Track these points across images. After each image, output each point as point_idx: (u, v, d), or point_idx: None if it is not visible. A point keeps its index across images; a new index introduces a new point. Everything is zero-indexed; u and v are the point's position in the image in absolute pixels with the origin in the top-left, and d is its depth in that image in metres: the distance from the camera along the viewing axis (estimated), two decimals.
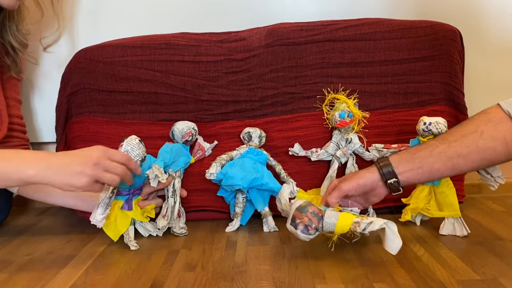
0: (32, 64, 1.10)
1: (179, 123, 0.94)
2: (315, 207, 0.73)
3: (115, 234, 0.83)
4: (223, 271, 0.72)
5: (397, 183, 0.77)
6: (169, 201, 0.89)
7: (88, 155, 0.72)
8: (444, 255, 0.75)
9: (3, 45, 0.94)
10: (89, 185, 0.70)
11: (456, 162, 0.75)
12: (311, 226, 0.71)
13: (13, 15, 0.93)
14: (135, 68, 0.99)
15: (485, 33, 1.13)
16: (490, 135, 0.73)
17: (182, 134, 0.92)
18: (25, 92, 1.13)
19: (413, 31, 0.99)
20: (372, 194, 0.80)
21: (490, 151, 0.73)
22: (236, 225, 0.92)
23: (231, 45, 1.00)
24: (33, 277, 0.72)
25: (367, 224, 0.70)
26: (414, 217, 0.90)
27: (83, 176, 0.70)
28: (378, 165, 0.78)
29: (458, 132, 0.76)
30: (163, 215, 0.89)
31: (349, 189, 0.78)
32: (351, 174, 0.82)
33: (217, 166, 0.91)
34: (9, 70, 0.96)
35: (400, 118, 0.99)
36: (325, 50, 0.99)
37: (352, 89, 0.98)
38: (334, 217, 0.71)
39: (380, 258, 0.74)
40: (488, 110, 0.76)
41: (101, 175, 0.71)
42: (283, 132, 0.99)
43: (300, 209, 0.72)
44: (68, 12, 1.11)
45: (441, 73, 0.99)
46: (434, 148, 0.76)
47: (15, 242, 0.90)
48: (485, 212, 0.98)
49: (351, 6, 1.12)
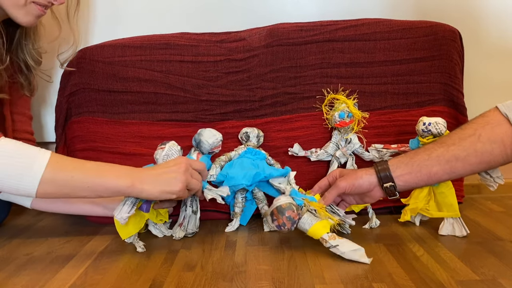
0: None
1: (206, 134, 0.92)
2: (293, 211, 0.76)
3: (126, 233, 0.82)
4: (223, 271, 0.72)
5: (393, 188, 0.78)
6: (187, 210, 0.88)
7: (178, 163, 0.77)
8: (444, 255, 0.75)
9: (18, 63, 0.93)
10: (183, 189, 0.76)
11: (454, 165, 0.75)
12: (284, 227, 0.77)
13: (29, 33, 0.92)
14: (134, 68, 0.99)
15: (485, 34, 1.13)
16: (487, 137, 0.73)
17: (212, 148, 0.92)
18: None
19: (412, 32, 0.99)
20: (367, 195, 0.82)
21: (488, 154, 0.74)
22: (236, 225, 0.92)
23: (231, 45, 1.00)
24: (32, 277, 0.72)
25: (332, 246, 0.74)
26: (414, 217, 0.90)
27: (179, 181, 0.75)
28: (376, 168, 0.79)
29: (456, 136, 0.76)
30: (179, 223, 0.88)
31: (346, 187, 0.80)
32: (350, 172, 0.83)
33: (216, 167, 0.91)
34: (22, 88, 0.96)
35: (399, 118, 0.99)
36: (325, 50, 0.99)
37: (351, 89, 0.98)
38: (308, 224, 0.76)
39: (379, 258, 0.74)
40: (486, 113, 0.77)
41: (190, 180, 0.77)
42: (283, 132, 0.99)
43: (279, 210, 0.76)
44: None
45: (440, 74, 0.99)
46: (432, 152, 0.76)
47: (14, 242, 0.89)
48: (485, 213, 0.98)
49: (350, 6, 1.12)
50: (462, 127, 0.78)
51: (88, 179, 0.73)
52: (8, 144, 0.71)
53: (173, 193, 0.75)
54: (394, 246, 0.79)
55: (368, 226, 0.89)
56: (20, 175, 0.69)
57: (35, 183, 0.69)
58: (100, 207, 0.89)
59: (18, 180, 0.69)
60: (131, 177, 0.74)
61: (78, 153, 1.00)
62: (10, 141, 0.72)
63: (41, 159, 0.70)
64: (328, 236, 0.75)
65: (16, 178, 0.69)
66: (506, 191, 1.09)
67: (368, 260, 0.72)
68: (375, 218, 0.90)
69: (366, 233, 0.87)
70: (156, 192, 0.75)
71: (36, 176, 0.69)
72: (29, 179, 0.69)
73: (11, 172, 0.69)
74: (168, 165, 0.78)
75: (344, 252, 0.73)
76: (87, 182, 0.73)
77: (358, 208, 0.91)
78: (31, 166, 0.69)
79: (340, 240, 0.74)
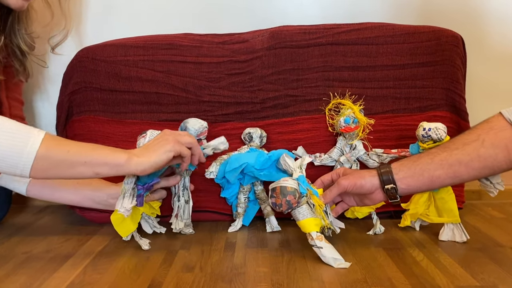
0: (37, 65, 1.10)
1: (192, 121, 0.91)
2: (294, 197, 0.75)
3: (125, 230, 0.82)
4: (222, 272, 0.72)
5: (394, 190, 0.77)
6: (180, 200, 0.88)
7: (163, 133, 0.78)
8: (443, 260, 0.75)
9: (12, 48, 0.94)
10: (176, 143, 0.76)
11: (457, 169, 0.75)
12: (279, 208, 0.76)
13: (22, 17, 0.93)
14: (137, 68, 0.99)
15: (487, 40, 1.13)
16: (491, 143, 0.73)
17: (198, 134, 0.90)
18: (26, 91, 1.14)
19: (415, 36, 0.99)
20: (367, 196, 0.81)
21: (491, 159, 0.73)
22: (238, 226, 0.92)
23: (234, 46, 1.00)
24: (31, 275, 0.72)
25: (316, 246, 0.75)
26: (414, 222, 0.90)
27: (169, 141, 0.76)
28: (379, 170, 0.79)
29: (459, 141, 0.76)
30: (175, 214, 0.88)
31: (347, 186, 0.79)
32: (354, 172, 0.82)
33: (217, 165, 0.91)
34: (17, 74, 0.96)
35: (401, 122, 0.99)
36: (327, 53, 0.99)
37: (353, 93, 0.98)
38: (302, 216, 0.76)
39: (379, 263, 0.74)
40: (490, 119, 0.76)
41: (180, 146, 0.77)
42: (284, 134, 0.99)
43: (282, 191, 0.75)
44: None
45: (443, 79, 0.99)
46: (435, 156, 0.76)
47: (13, 240, 0.89)
48: (485, 219, 0.98)
49: (353, 10, 1.12)
50: (465, 132, 0.77)
51: (85, 154, 0.72)
52: (7, 121, 0.70)
53: (169, 150, 0.75)
54: (394, 251, 0.79)
55: (372, 232, 0.88)
56: (19, 152, 0.68)
57: (31, 158, 0.68)
58: (85, 198, 0.90)
59: (17, 157, 0.68)
60: (126, 152, 0.74)
61: None
62: (8, 119, 0.71)
63: (36, 135, 0.69)
64: (316, 235, 0.75)
65: (16, 155, 0.68)
66: (507, 197, 1.09)
67: (346, 265, 0.73)
68: (379, 224, 0.89)
69: (365, 237, 0.87)
70: (153, 158, 0.74)
71: (31, 151, 0.68)
72: (25, 154, 0.68)
73: (13, 148, 0.68)
74: (155, 138, 0.78)
75: (325, 257, 0.74)
76: (84, 156, 0.71)
77: (362, 214, 0.91)
78: (26, 142, 0.68)
79: (326, 244, 0.75)
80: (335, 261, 0.73)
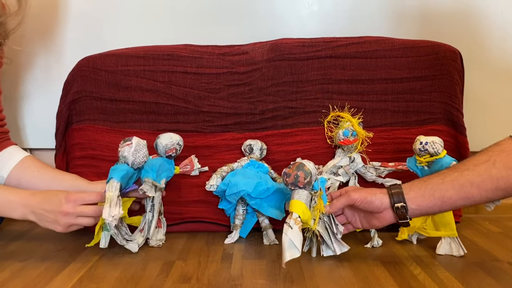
0: (37, 70, 1.09)
1: (163, 137, 0.90)
2: (305, 178, 0.75)
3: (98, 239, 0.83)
4: (219, 284, 0.72)
5: (404, 209, 0.75)
6: (147, 216, 0.88)
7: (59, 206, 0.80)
8: (441, 274, 0.75)
9: None
10: (64, 230, 0.81)
11: (469, 190, 0.72)
12: (287, 178, 0.76)
13: None
14: (137, 78, 1.00)
15: (485, 54, 1.14)
16: (503, 164, 0.71)
17: (166, 150, 0.89)
18: (27, 96, 1.14)
19: (414, 51, 1.00)
20: (376, 216, 0.78)
21: (504, 180, 0.71)
22: (235, 237, 0.91)
23: (234, 58, 1.01)
24: (26, 284, 0.72)
25: (288, 225, 0.72)
26: (411, 236, 0.90)
27: (58, 225, 0.80)
28: (389, 190, 0.76)
29: (470, 162, 0.74)
30: (140, 229, 0.88)
31: (357, 199, 0.77)
32: (364, 188, 0.80)
33: (217, 177, 0.91)
34: None
35: (399, 136, 0.99)
36: (326, 66, 1.00)
37: (352, 105, 0.99)
38: (298, 197, 0.76)
39: (377, 276, 0.74)
40: (500, 142, 0.75)
41: (75, 222, 0.81)
42: (283, 146, 0.99)
43: (300, 166, 0.76)
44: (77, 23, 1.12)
45: (441, 93, 1.00)
46: (446, 176, 0.74)
47: (9, 248, 0.89)
48: (482, 233, 0.98)
49: (352, 24, 1.13)
50: (476, 154, 0.76)
51: None
52: None
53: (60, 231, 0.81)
54: (391, 264, 0.79)
55: (369, 245, 0.88)
56: None
57: None
58: None
59: None
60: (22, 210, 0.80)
61: (77, 161, 1.00)
62: None
63: None
64: (295, 218, 0.73)
65: None
66: (504, 212, 1.09)
67: (283, 264, 0.70)
68: (377, 237, 0.89)
69: (363, 251, 0.87)
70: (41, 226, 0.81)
71: None
72: None
73: None
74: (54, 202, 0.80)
75: (287, 240, 0.71)
76: None
77: None
78: None
79: (297, 231, 0.72)
80: (291, 249, 0.70)
